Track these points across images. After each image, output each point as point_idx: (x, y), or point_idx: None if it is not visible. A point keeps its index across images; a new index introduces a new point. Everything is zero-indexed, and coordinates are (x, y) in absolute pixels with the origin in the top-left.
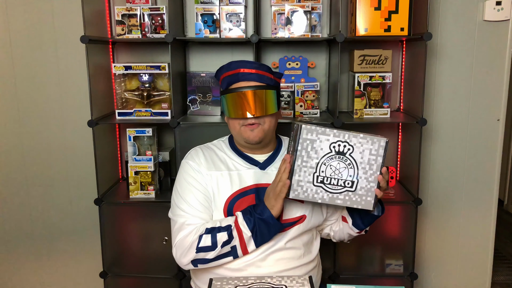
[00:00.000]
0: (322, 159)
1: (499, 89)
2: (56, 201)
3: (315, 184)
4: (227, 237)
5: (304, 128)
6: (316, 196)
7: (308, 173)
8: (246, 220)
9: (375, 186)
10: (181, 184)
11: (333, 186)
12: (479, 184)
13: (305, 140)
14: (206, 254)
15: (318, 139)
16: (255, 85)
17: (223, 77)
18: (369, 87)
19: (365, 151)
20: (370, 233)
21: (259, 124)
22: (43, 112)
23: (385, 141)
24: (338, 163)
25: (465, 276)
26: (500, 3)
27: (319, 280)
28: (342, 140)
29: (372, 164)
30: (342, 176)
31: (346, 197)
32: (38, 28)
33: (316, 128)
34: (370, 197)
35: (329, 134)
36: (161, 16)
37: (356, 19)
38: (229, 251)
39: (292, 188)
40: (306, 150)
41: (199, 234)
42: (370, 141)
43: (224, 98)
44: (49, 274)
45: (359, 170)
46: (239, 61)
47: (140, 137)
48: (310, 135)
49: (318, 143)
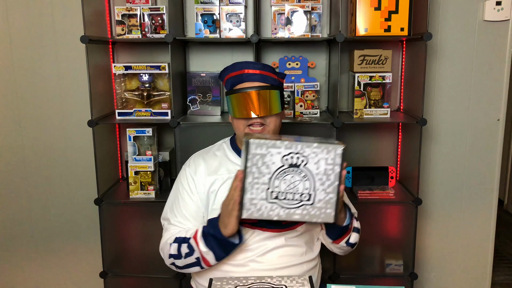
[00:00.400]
0: (275, 174)
1: (499, 89)
2: (56, 201)
3: (269, 200)
4: (188, 250)
5: (252, 143)
6: (272, 213)
7: (261, 190)
8: (203, 236)
9: (334, 197)
10: (174, 190)
11: (289, 201)
12: (479, 184)
13: (254, 155)
14: (176, 261)
15: (269, 153)
16: (259, 85)
17: (227, 78)
18: (369, 87)
19: (320, 161)
20: (370, 233)
21: (264, 124)
22: (43, 112)
23: (341, 149)
24: (293, 177)
25: (465, 276)
26: (500, 3)
27: (319, 279)
28: (295, 152)
29: (329, 174)
30: (298, 190)
31: (304, 211)
32: (38, 28)
33: (266, 142)
34: (330, 209)
35: (280, 147)
36: (161, 16)
37: (356, 19)
38: (195, 262)
39: (245, 207)
40: (257, 165)
41: (169, 243)
42: (325, 150)
43: (229, 99)
44: (49, 274)
45: (315, 182)
46: (243, 62)
47: (140, 137)
48: (260, 150)
49: (269, 157)
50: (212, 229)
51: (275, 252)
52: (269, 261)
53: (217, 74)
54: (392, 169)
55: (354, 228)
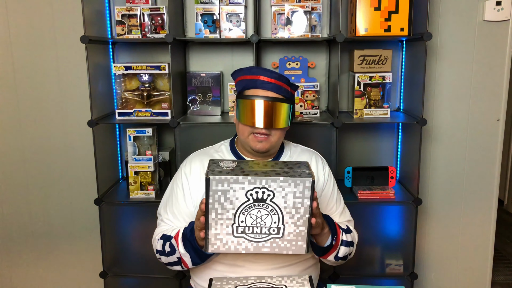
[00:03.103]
0: (240, 209)
1: (499, 89)
2: (56, 201)
3: (235, 235)
4: (170, 249)
5: (212, 179)
6: (239, 247)
7: (226, 225)
8: (182, 238)
9: (305, 229)
10: (170, 187)
11: (257, 234)
12: (479, 184)
13: (215, 192)
14: (161, 257)
15: (231, 188)
16: (272, 96)
17: (241, 79)
18: (369, 87)
19: (288, 195)
20: (370, 233)
21: (268, 135)
22: (43, 112)
23: (310, 181)
24: (259, 211)
25: (465, 276)
26: (500, 3)
27: (317, 278)
28: (260, 187)
29: (298, 208)
30: (265, 224)
31: (274, 244)
32: (38, 28)
33: (227, 178)
34: (301, 241)
35: (243, 182)
36: (161, 16)
37: (356, 19)
38: (176, 261)
39: (210, 242)
40: (219, 202)
41: (157, 238)
42: (292, 183)
43: (238, 102)
44: (49, 274)
45: (284, 216)
46: (260, 68)
47: (140, 137)
48: (221, 186)
49: (232, 193)
50: (189, 234)
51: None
52: (265, 261)
53: (217, 74)
54: (392, 169)
55: (343, 242)
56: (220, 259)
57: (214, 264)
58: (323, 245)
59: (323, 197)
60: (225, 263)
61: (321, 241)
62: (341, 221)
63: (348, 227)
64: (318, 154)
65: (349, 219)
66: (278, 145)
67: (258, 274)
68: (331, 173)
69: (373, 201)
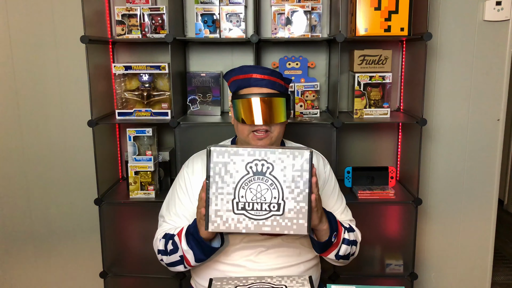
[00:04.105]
0: (240, 183)
1: (499, 89)
2: (56, 201)
3: (235, 212)
4: (172, 247)
5: (213, 150)
6: (239, 225)
7: (226, 201)
8: (185, 234)
9: (305, 206)
10: (172, 188)
11: (257, 211)
12: (479, 184)
13: (216, 164)
14: (163, 257)
15: (232, 160)
16: (267, 92)
17: (234, 79)
18: (369, 87)
19: (287, 167)
20: (370, 233)
21: (268, 132)
22: (43, 112)
23: (308, 153)
24: (259, 185)
25: (465, 276)
26: (500, 3)
27: (318, 279)
28: (259, 159)
29: (298, 182)
30: (265, 199)
31: (274, 223)
32: (38, 28)
33: (227, 149)
34: (302, 219)
35: (242, 154)
36: (161, 16)
37: (356, 19)
38: (179, 260)
39: (210, 220)
40: (220, 175)
41: (159, 238)
42: (291, 155)
43: (234, 103)
44: (49, 274)
45: (284, 191)
46: (251, 66)
47: (140, 137)
48: (222, 158)
49: (232, 165)
50: (192, 228)
51: (272, 252)
52: (266, 261)
53: (217, 74)
54: (392, 169)
55: (344, 240)
56: (221, 259)
57: (215, 264)
58: (321, 240)
59: (324, 195)
60: (226, 263)
61: (320, 236)
62: (343, 220)
63: (351, 226)
64: (320, 154)
65: (351, 219)
66: (278, 140)
67: (259, 274)
68: (332, 172)
69: (373, 201)
